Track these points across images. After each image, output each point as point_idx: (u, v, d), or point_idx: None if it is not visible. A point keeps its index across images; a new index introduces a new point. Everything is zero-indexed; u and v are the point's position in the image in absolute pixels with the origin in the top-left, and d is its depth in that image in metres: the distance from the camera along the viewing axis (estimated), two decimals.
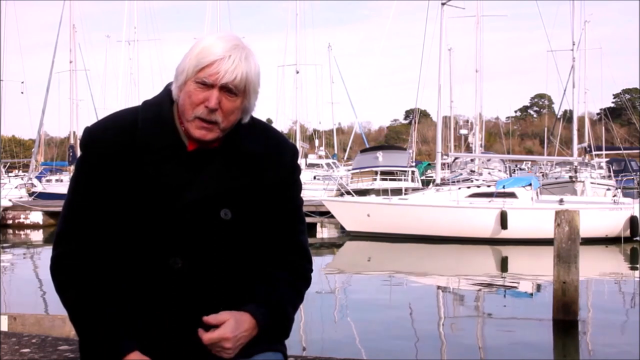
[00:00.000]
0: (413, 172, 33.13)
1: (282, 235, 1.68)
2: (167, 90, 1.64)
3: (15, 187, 29.09)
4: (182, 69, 1.57)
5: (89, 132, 1.61)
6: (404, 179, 30.08)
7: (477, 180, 25.79)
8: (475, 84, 38.57)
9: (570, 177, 25.86)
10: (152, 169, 1.57)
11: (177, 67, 1.59)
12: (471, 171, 34.84)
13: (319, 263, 16.22)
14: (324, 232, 22.50)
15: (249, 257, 1.64)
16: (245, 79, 1.55)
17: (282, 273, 1.66)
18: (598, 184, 25.78)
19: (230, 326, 1.52)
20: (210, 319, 1.53)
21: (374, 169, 32.60)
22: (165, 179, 1.57)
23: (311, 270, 1.75)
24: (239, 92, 1.56)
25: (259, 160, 1.63)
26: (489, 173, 33.49)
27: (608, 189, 23.92)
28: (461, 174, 33.91)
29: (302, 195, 1.77)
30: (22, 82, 41.04)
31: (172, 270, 1.57)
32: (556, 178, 30.92)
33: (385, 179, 30.31)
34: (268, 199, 1.64)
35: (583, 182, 24.19)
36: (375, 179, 31.43)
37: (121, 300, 1.56)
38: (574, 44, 27.22)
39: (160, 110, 1.61)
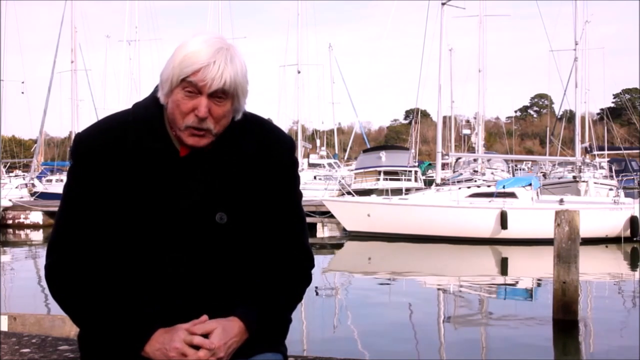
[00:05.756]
0: (416, 172, 33.13)
1: (281, 232, 1.65)
2: (156, 93, 1.61)
3: (16, 187, 29.11)
4: (167, 77, 1.53)
5: (79, 139, 1.60)
6: (405, 179, 30.08)
7: (478, 180, 25.79)
8: (478, 83, 38.52)
9: (574, 177, 25.84)
10: (145, 174, 1.55)
11: (161, 73, 1.56)
12: (474, 171, 34.86)
13: (319, 263, 16.22)
14: (324, 232, 22.49)
15: (247, 257, 1.62)
16: (234, 83, 1.52)
17: (279, 271, 1.64)
18: (601, 184, 25.76)
19: (218, 335, 1.50)
20: (197, 329, 1.50)
21: (377, 168, 32.61)
22: (158, 184, 1.56)
23: (311, 267, 1.72)
24: (228, 96, 1.53)
25: (254, 158, 1.61)
26: (492, 173, 33.49)
27: (610, 189, 23.90)
28: (461, 174, 33.91)
29: (304, 195, 1.75)
30: (23, 82, 41.06)
31: (169, 274, 1.56)
32: (559, 178, 30.92)
33: (387, 179, 30.31)
34: (266, 196, 1.62)
35: (586, 182, 24.19)
36: (378, 179, 31.44)
37: (121, 304, 1.55)
38: (576, 44, 27.23)
39: (150, 114, 1.59)
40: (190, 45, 1.52)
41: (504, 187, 19.75)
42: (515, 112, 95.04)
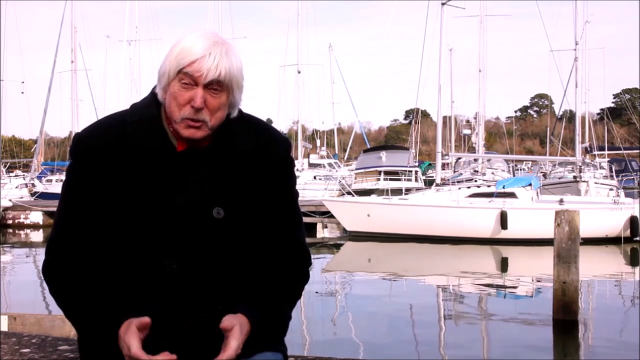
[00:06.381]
0: (416, 172, 33.14)
1: (278, 230, 1.66)
2: (154, 91, 1.63)
3: (16, 187, 29.09)
4: (164, 71, 1.56)
5: (78, 138, 1.62)
6: (406, 179, 30.09)
7: (478, 180, 25.79)
8: (478, 83, 38.53)
9: (574, 177, 25.84)
10: (143, 172, 1.57)
11: (159, 69, 1.59)
12: (474, 171, 34.88)
13: (319, 263, 16.23)
14: (324, 232, 22.49)
15: (244, 254, 1.63)
16: (229, 74, 1.55)
17: (277, 269, 1.65)
18: (602, 184, 25.79)
19: (237, 333, 1.51)
20: (225, 324, 1.51)
21: (378, 168, 32.63)
22: (156, 181, 1.57)
23: (308, 265, 1.73)
24: (223, 88, 1.56)
25: (250, 155, 1.63)
26: (493, 173, 33.50)
27: (611, 189, 23.91)
28: (461, 174, 33.93)
29: (302, 195, 1.76)
30: (22, 82, 41.03)
31: (168, 272, 1.56)
32: (559, 178, 30.92)
33: (387, 179, 30.33)
34: (262, 194, 1.63)
35: (587, 182, 24.18)
36: (379, 179, 31.45)
37: (115, 300, 1.56)
38: (576, 44, 27.24)
39: (147, 112, 1.61)
40: (187, 40, 1.56)
41: (504, 187, 19.75)
42: (515, 112, 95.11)
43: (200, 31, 1.58)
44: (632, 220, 18.65)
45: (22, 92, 44.60)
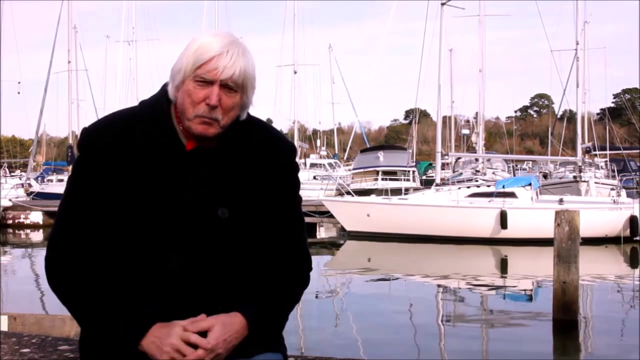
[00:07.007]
0: (413, 172, 33.14)
1: (280, 233, 1.67)
2: (164, 89, 1.63)
3: (12, 187, 28.99)
4: (179, 68, 1.57)
5: (86, 133, 1.61)
6: (404, 179, 30.07)
7: (478, 180, 25.79)
8: (478, 83, 38.47)
9: (575, 177, 25.84)
10: (150, 169, 1.57)
11: (173, 67, 1.59)
12: (475, 171, 34.88)
13: (319, 263, 16.22)
14: (324, 232, 22.49)
15: (247, 255, 1.63)
16: (244, 74, 1.56)
17: (278, 271, 1.65)
18: (602, 183, 25.77)
19: (217, 332, 1.51)
20: (194, 327, 1.50)
21: (376, 168, 32.63)
22: (162, 179, 1.57)
23: (309, 269, 1.74)
24: (238, 87, 1.57)
25: (256, 158, 1.64)
26: (493, 173, 33.50)
27: (612, 189, 23.91)
28: (461, 174, 33.92)
29: (301, 195, 1.76)
30: (19, 83, 40.91)
31: (169, 272, 1.56)
32: (560, 178, 30.93)
33: (385, 179, 30.34)
34: (266, 197, 1.64)
35: (587, 182, 24.19)
36: (377, 179, 31.46)
37: (120, 299, 1.56)
38: (577, 44, 27.23)
39: (157, 109, 1.62)
40: (204, 38, 1.58)
41: (503, 187, 19.75)
42: (515, 112, 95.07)
43: (216, 30, 1.61)
44: (632, 220, 18.65)
45: (19, 93, 44.51)
